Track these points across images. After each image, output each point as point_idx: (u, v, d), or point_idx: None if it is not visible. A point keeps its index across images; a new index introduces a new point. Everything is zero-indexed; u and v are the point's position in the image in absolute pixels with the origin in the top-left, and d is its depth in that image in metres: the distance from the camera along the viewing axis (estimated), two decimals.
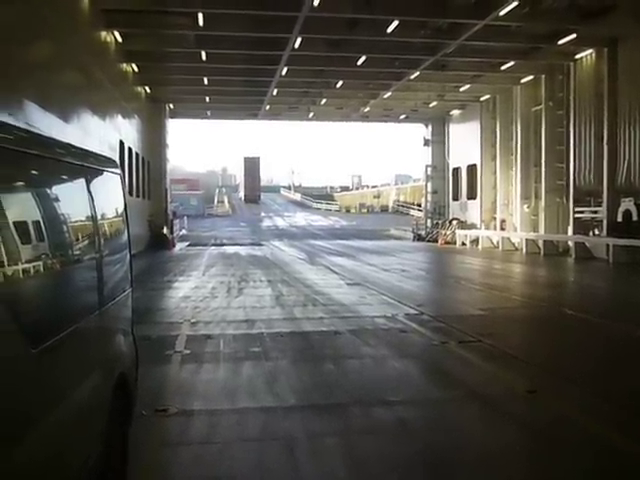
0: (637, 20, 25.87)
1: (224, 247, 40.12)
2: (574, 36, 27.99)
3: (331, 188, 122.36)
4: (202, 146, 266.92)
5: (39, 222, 3.99)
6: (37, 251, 3.94)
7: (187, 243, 43.36)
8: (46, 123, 16.14)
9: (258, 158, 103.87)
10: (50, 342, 3.84)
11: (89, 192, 5.00)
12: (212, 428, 7.31)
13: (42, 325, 3.84)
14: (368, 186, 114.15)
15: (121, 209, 6.22)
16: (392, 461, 6.42)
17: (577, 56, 32.00)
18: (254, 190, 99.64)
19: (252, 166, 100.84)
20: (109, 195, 5.88)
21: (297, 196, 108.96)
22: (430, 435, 7.18)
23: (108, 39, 27.92)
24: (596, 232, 31.43)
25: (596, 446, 6.74)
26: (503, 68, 33.72)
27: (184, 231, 52.04)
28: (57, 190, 4.57)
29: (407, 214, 73.90)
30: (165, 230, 40.43)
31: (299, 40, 28.11)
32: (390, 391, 8.66)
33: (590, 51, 31.29)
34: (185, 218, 56.48)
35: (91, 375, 4.70)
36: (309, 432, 7.14)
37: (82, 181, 4.97)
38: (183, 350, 11.05)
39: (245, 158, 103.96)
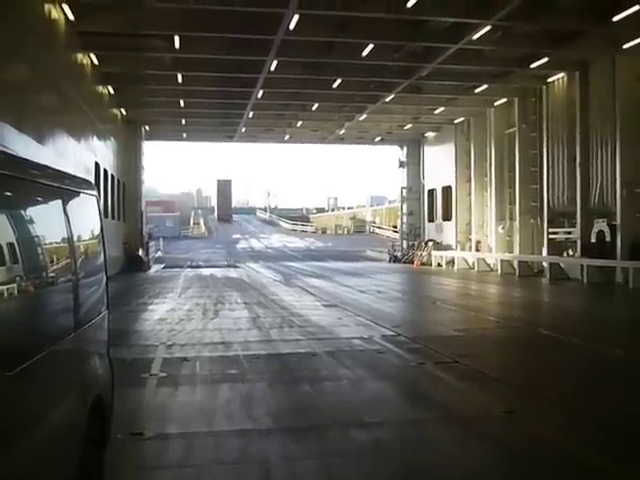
0: (607, 44, 26.37)
1: (200, 269, 39.95)
2: (546, 60, 28.45)
3: (307, 210, 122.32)
4: (177, 168, 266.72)
5: (14, 244, 3.96)
6: (12, 273, 3.91)
7: (163, 265, 43.10)
8: (21, 145, 16.05)
9: (230, 180, 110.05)
10: (25, 365, 3.80)
11: (65, 214, 4.98)
12: (188, 451, 7.25)
13: (17, 348, 3.80)
14: (344, 208, 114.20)
15: (97, 231, 6.19)
16: None
17: (549, 79, 32.49)
18: (226, 210, 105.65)
19: (224, 188, 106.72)
20: (85, 217, 5.85)
21: (273, 217, 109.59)
22: (407, 456, 7.17)
23: (84, 61, 27.86)
24: (570, 253, 31.69)
25: (574, 467, 6.75)
26: (477, 91, 34.08)
27: (160, 253, 51.74)
28: (33, 212, 4.54)
29: (383, 235, 74.04)
30: (140, 252, 40.19)
31: (275, 63, 28.23)
32: (367, 412, 8.64)
33: (562, 74, 31.76)
34: (161, 240, 56.15)
35: (66, 398, 4.66)
36: (286, 455, 7.10)
37: (58, 203, 4.95)
38: (159, 373, 10.96)
39: (218, 180, 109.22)
